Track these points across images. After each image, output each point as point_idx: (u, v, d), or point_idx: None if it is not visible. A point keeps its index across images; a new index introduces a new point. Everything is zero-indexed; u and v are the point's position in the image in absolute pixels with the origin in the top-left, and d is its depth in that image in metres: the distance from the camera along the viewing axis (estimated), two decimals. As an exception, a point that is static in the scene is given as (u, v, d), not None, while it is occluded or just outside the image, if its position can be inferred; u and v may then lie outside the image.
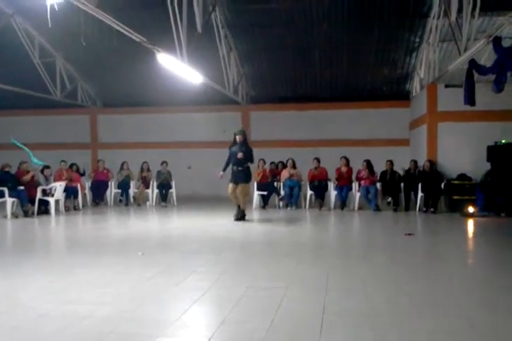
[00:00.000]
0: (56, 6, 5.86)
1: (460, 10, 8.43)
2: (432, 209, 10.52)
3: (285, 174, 11.76)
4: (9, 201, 9.98)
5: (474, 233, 8.52)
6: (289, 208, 11.53)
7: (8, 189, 9.98)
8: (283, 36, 12.12)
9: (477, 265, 5.84)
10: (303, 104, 15.15)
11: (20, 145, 10.65)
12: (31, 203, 10.28)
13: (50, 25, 6.90)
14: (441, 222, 9.72)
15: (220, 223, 9.35)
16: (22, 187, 10.18)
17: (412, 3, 10.43)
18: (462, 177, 11.14)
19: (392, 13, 10.87)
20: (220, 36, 11.67)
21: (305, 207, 11.65)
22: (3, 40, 11.48)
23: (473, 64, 8.75)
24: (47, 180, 10.86)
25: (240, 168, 9.26)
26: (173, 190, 12.90)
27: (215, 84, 11.46)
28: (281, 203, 11.81)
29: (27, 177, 10.38)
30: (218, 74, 11.88)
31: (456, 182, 11.04)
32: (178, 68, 9.05)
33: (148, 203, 12.68)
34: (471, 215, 9.79)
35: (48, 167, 11.05)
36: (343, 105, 14.96)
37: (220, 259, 5.78)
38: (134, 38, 7.45)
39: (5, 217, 9.88)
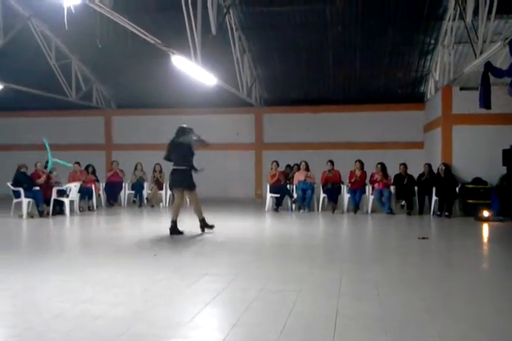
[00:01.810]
0: (73, 9, 5.91)
1: (476, 12, 8.37)
2: (446, 213, 10.41)
3: (298, 176, 11.73)
4: (25, 201, 10.10)
5: (489, 238, 8.42)
6: (301, 211, 11.50)
7: (24, 189, 10.11)
8: (297, 38, 12.13)
9: (492, 270, 5.77)
10: (316, 107, 15.12)
11: (47, 147, 10.84)
12: (46, 203, 10.39)
13: (66, 28, 6.97)
14: (455, 226, 9.62)
15: (233, 225, 9.36)
16: (37, 188, 10.30)
17: (427, 5, 10.37)
18: (477, 181, 11.01)
19: (406, 15, 10.82)
20: (234, 38, 11.71)
21: (318, 209, 11.61)
22: (20, 42, 11.64)
23: (489, 66, 8.65)
24: (58, 184, 10.96)
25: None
26: (186, 192, 12.92)
27: (229, 87, 11.49)
28: (293, 206, 11.78)
29: (41, 180, 10.50)
30: (232, 76, 11.91)
31: (471, 186, 10.92)
32: (192, 70, 9.09)
33: (161, 204, 12.74)
34: (486, 220, 9.68)
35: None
36: (356, 108, 14.91)
37: (233, 261, 5.78)
38: (148, 40, 7.51)
39: (21, 216, 10.00)
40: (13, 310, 3.83)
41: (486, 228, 9.11)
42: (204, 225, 8.10)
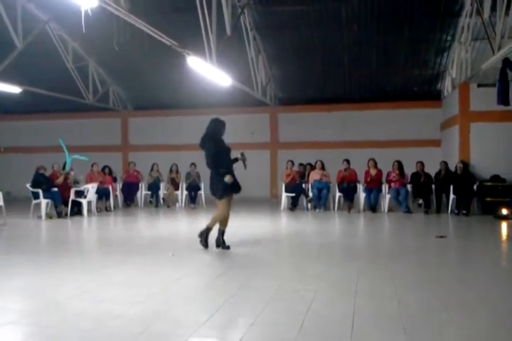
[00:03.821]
0: (90, 12, 5.99)
1: (493, 8, 8.28)
2: (464, 212, 10.30)
3: (314, 176, 11.71)
4: (43, 202, 10.25)
5: (508, 236, 8.31)
6: (317, 210, 11.48)
7: (43, 190, 10.26)
8: (311, 37, 12.11)
9: (511, 269, 5.70)
10: (331, 105, 15.07)
11: (64, 147, 11.01)
12: (65, 204, 10.53)
13: (84, 31, 7.06)
14: (473, 224, 9.51)
15: (249, 224, 9.38)
16: (56, 189, 10.45)
17: (444, 2, 10.28)
18: (495, 178, 10.88)
19: (422, 12, 10.74)
20: (249, 38, 11.74)
21: (334, 209, 11.58)
22: (38, 45, 11.82)
23: (507, 63, 8.57)
24: (77, 183, 11.10)
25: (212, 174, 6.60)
26: (202, 192, 13.00)
27: (244, 86, 11.52)
28: (309, 205, 11.76)
29: (59, 181, 10.64)
30: (247, 76, 11.95)
31: (489, 183, 10.79)
32: (208, 71, 9.14)
33: (177, 205, 12.82)
34: (505, 218, 9.55)
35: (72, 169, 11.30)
36: (372, 106, 14.83)
37: (250, 261, 5.80)
38: (164, 41, 7.58)
39: (39, 217, 10.15)
40: (34, 309, 3.90)
41: (504, 226, 8.99)
42: (203, 237, 6.49)
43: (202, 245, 6.46)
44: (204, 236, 6.48)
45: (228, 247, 6.43)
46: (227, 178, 6.24)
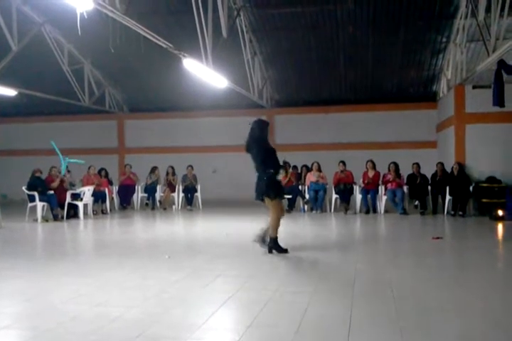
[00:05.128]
0: (85, 14, 5.99)
1: (488, 10, 8.31)
2: (460, 213, 10.33)
3: (310, 177, 11.72)
4: (39, 205, 10.22)
5: (504, 237, 8.34)
6: (314, 212, 11.49)
7: (39, 193, 10.22)
8: (307, 39, 12.13)
9: (507, 270, 5.71)
10: (328, 107, 15.10)
11: (57, 149, 10.97)
12: (61, 207, 10.50)
13: (79, 33, 7.06)
14: (470, 225, 9.54)
15: (246, 227, 9.36)
16: (52, 192, 10.42)
17: (439, 4, 10.31)
18: (491, 179, 10.91)
19: (418, 14, 10.77)
20: (245, 41, 11.75)
21: (330, 210, 11.59)
22: (34, 48, 11.78)
23: (502, 64, 8.60)
24: (73, 185, 11.08)
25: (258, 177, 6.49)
26: (198, 194, 12.99)
27: (240, 89, 11.53)
28: (306, 207, 11.76)
29: (55, 184, 10.61)
30: (243, 78, 11.95)
31: (485, 185, 10.82)
32: (204, 73, 9.14)
33: (174, 207, 12.81)
34: (501, 219, 9.58)
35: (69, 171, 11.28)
36: (368, 107, 14.87)
37: (247, 263, 5.80)
38: (160, 44, 7.58)
39: (35, 220, 10.11)
40: (30, 312, 3.89)
41: (500, 227, 9.03)
42: (276, 247, 6.30)
43: (282, 253, 6.19)
44: (275, 247, 6.24)
45: (270, 249, 6.22)
46: (281, 176, 6.21)
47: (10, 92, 11.49)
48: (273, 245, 6.26)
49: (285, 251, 6.26)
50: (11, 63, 11.05)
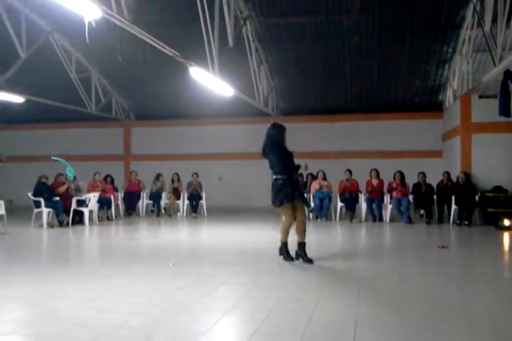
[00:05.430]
0: (93, 23, 6.06)
1: (494, 20, 8.33)
2: (466, 222, 10.29)
3: (315, 186, 11.71)
4: (45, 211, 10.25)
5: (510, 246, 8.29)
6: (319, 220, 11.47)
7: (44, 199, 10.27)
8: (313, 49, 12.19)
9: (514, 280, 5.68)
10: (333, 116, 15.14)
11: (60, 160, 11.03)
12: (66, 213, 10.54)
13: (87, 41, 7.13)
14: (475, 235, 9.49)
15: (251, 234, 9.37)
16: (57, 198, 10.46)
17: (445, 14, 10.35)
18: (497, 189, 10.87)
19: (423, 24, 10.81)
20: (251, 50, 11.83)
21: (335, 219, 11.57)
22: (42, 56, 11.91)
23: (508, 74, 8.60)
24: (79, 192, 11.13)
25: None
26: (203, 201, 13.01)
27: (246, 97, 11.58)
28: (311, 215, 11.74)
29: (62, 189, 10.66)
30: (249, 86, 12.01)
31: (491, 194, 10.78)
32: (210, 81, 9.20)
33: (178, 214, 12.82)
34: (507, 228, 9.53)
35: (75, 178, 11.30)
36: (373, 117, 14.89)
37: (251, 270, 5.79)
38: (167, 52, 7.64)
39: (41, 226, 10.15)
40: (34, 318, 3.90)
41: (507, 237, 8.97)
42: (284, 252, 6.31)
43: (287, 260, 6.22)
44: (284, 250, 6.27)
45: (311, 261, 6.10)
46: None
47: (18, 99, 11.60)
48: (283, 250, 6.28)
49: (291, 259, 6.25)
50: (19, 71, 11.16)
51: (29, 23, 11.10)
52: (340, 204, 11.59)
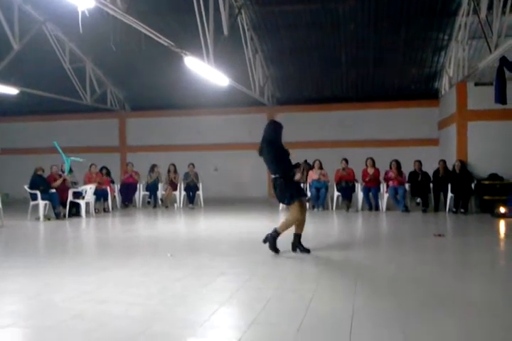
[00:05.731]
0: (87, 12, 5.98)
1: (490, 7, 8.29)
2: (462, 210, 10.33)
3: (312, 175, 11.70)
4: (41, 203, 10.23)
5: (506, 234, 8.33)
6: (315, 209, 11.49)
7: (41, 192, 10.24)
8: (309, 37, 12.11)
9: (509, 266, 5.71)
10: (329, 105, 15.10)
11: (59, 149, 10.96)
12: (63, 206, 10.52)
13: (81, 31, 7.06)
14: (471, 223, 9.54)
15: (248, 225, 9.38)
16: (54, 190, 10.43)
17: (441, 1, 10.29)
18: (493, 177, 10.91)
19: (419, 11, 10.75)
20: (246, 39, 11.74)
21: (332, 208, 11.60)
22: (35, 46, 11.79)
23: (504, 61, 8.57)
24: (75, 184, 11.11)
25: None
26: (200, 192, 13.00)
27: (241, 86, 11.52)
28: (307, 204, 11.74)
29: (58, 183, 10.63)
30: (244, 76, 11.95)
31: (486, 182, 10.82)
32: (205, 71, 9.14)
33: (175, 205, 12.82)
34: (503, 216, 9.57)
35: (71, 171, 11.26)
36: (369, 105, 14.86)
37: (248, 261, 5.80)
38: (161, 42, 7.57)
39: (38, 219, 10.13)
40: (33, 311, 3.90)
41: (502, 224, 9.02)
42: (271, 242, 6.17)
43: (272, 250, 6.09)
44: (271, 240, 6.12)
45: (308, 251, 6.09)
46: (297, 177, 6.02)
47: (11, 91, 11.49)
48: (270, 238, 6.14)
49: (276, 251, 6.14)
50: (13, 62, 11.05)
51: (22, 13, 10.97)
52: (336, 193, 11.61)
